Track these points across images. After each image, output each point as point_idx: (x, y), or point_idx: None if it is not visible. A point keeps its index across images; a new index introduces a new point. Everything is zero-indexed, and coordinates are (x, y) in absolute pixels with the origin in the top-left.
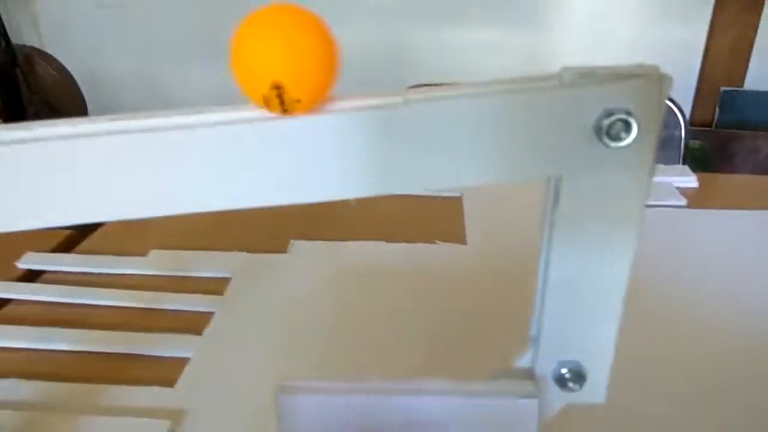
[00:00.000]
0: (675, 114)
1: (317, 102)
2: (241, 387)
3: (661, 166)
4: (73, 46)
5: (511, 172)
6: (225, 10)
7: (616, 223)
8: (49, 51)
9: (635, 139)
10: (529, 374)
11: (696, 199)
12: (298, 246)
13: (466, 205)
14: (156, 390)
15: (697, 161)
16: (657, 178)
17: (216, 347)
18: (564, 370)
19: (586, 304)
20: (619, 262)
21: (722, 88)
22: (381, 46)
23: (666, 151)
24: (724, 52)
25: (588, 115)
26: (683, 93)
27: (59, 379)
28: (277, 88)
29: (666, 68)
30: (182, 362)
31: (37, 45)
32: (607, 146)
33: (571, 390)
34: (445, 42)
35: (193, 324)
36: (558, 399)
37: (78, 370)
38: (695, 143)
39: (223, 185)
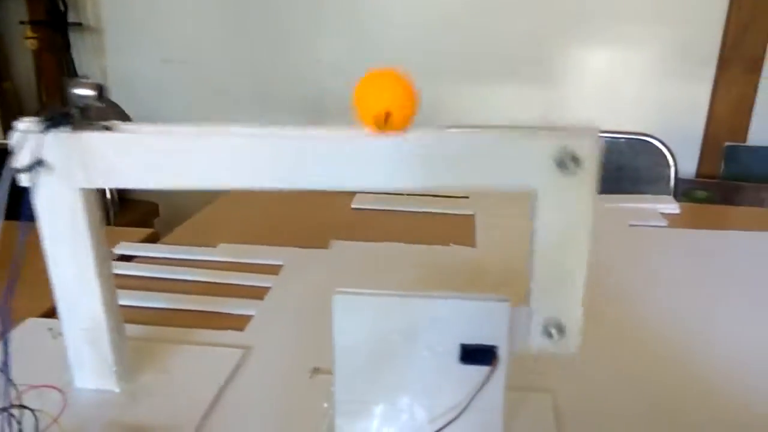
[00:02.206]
0: (665, 156)
1: (404, 127)
2: (291, 334)
3: (649, 196)
4: (136, 96)
5: (503, 183)
6: (270, 64)
7: (575, 223)
8: (115, 100)
9: (581, 171)
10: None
11: (677, 222)
12: (337, 244)
13: (477, 220)
14: (230, 333)
15: None
16: (644, 204)
17: (274, 308)
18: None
19: (560, 275)
20: (580, 251)
21: (726, 143)
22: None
23: (655, 185)
24: (727, 110)
25: (551, 152)
26: (690, 147)
27: (158, 325)
28: (387, 114)
29: (673, 124)
30: (249, 317)
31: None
32: (563, 173)
33: (554, 339)
34: (469, 96)
35: (256, 293)
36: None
37: (171, 320)
38: (702, 194)
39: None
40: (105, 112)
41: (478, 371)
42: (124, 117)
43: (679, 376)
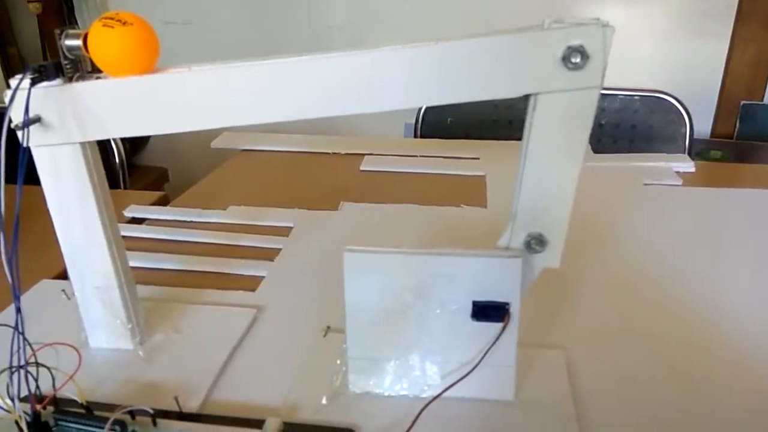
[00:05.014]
0: (681, 114)
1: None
2: (303, 294)
3: (664, 155)
4: None
5: (506, 90)
6: (278, 29)
7: (574, 127)
8: None
9: (588, 66)
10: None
11: (692, 181)
12: (346, 206)
13: (488, 181)
14: (242, 293)
15: None
16: (659, 163)
17: (285, 269)
18: (530, 239)
19: (549, 189)
20: (574, 158)
21: (742, 102)
22: None
23: (670, 144)
24: (744, 68)
25: (557, 48)
26: (705, 106)
27: (170, 286)
28: None
29: (689, 81)
30: (260, 278)
31: None
32: (569, 70)
33: (536, 251)
34: None
35: (267, 254)
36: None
37: (183, 282)
38: (716, 153)
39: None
40: None
41: (490, 328)
42: None
43: (691, 333)
